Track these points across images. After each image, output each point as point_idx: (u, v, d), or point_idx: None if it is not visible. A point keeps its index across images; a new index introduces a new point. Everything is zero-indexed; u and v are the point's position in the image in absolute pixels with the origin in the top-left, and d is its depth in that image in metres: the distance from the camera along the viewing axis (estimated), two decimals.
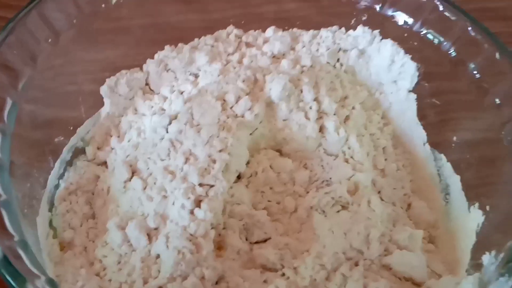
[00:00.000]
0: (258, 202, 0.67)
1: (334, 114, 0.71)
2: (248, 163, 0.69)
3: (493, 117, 0.67)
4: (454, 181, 0.71)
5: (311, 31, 0.79)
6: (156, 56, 0.77)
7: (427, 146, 0.75)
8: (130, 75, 0.75)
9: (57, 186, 0.68)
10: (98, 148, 0.72)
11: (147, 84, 0.76)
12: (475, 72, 0.69)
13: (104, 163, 0.71)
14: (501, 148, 0.66)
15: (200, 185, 0.63)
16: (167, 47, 0.77)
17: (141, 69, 0.77)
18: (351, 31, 0.77)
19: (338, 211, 0.65)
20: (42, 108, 0.67)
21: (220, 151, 0.65)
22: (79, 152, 0.72)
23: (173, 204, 0.62)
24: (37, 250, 0.56)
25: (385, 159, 0.74)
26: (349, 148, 0.70)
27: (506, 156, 0.65)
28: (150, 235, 0.61)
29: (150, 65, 0.76)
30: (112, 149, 0.71)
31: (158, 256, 0.60)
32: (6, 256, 0.47)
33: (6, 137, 0.57)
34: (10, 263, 0.47)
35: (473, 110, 0.70)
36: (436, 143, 0.75)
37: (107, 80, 0.74)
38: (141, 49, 0.78)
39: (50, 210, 0.66)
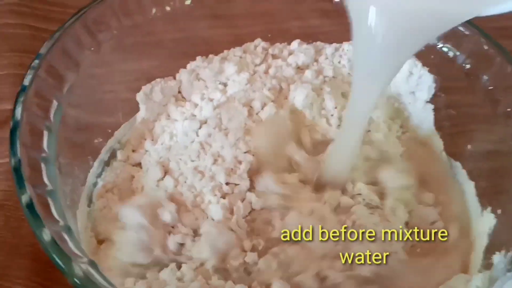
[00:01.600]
0: None
1: None
2: None
3: (505, 128, 0.70)
4: (469, 187, 0.75)
5: (334, 45, 0.83)
6: (188, 66, 0.82)
7: (444, 154, 0.79)
8: (164, 83, 0.80)
9: (95, 184, 0.73)
10: (133, 151, 0.77)
11: (179, 92, 0.81)
12: (488, 84, 0.72)
13: (139, 164, 0.75)
14: None
15: (227, 183, 0.68)
16: (198, 58, 0.82)
17: (174, 78, 0.82)
18: None
19: None
20: (83, 112, 0.73)
21: (246, 152, 0.70)
22: (116, 153, 0.77)
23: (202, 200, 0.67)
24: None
25: None
26: None
27: None
28: None
29: (182, 74, 0.81)
30: (146, 151, 0.76)
31: None
32: (54, 239, 0.52)
33: (52, 134, 0.62)
34: (57, 245, 0.51)
35: (487, 122, 0.74)
36: (452, 152, 0.79)
37: (143, 87, 0.79)
38: (174, 61, 0.83)
39: (88, 205, 0.71)
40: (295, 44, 0.85)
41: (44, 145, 0.61)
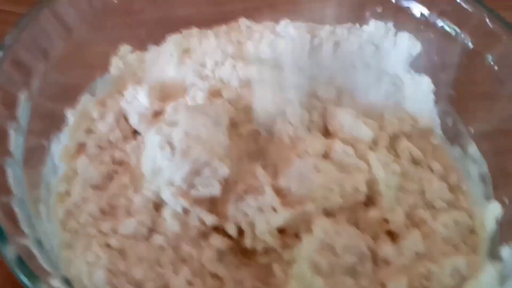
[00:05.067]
0: None
1: None
2: None
3: (510, 108, 0.66)
4: (473, 171, 0.70)
5: (327, 27, 0.78)
6: None
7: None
8: None
9: None
10: None
11: None
12: (492, 63, 0.68)
13: None
14: None
15: None
16: None
17: None
18: (365, 27, 0.76)
19: None
20: (57, 102, 0.68)
21: None
22: None
23: None
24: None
25: None
26: None
27: None
28: None
29: None
30: None
31: None
32: (20, 256, 0.46)
33: (19, 137, 0.57)
34: (24, 263, 0.46)
35: (489, 100, 0.69)
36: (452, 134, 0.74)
37: None
38: (154, 42, 0.78)
39: None
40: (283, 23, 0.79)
41: (10, 147, 0.56)
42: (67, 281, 0.48)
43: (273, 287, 0.59)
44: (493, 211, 0.65)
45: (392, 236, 0.62)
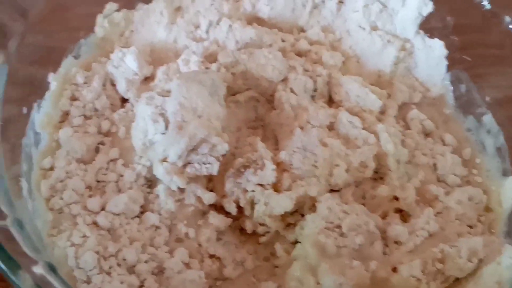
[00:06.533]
0: None
1: None
2: None
3: None
4: (488, 144, 0.67)
5: None
6: None
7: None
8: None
9: None
10: None
11: None
12: (510, 26, 0.64)
13: None
14: None
15: None
16: None
17: None
18: None
19: None
20: (37, 66, 0.63)
21: None
22: None
23: None
24: None
25: None
26: None
27: None
28: None
29: None
30: None
31: None
32: None
33: None
34: (1, 246, 0.41)
35: (507, 65, 0.66)
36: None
37: None
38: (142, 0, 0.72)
39: None
40: None
41: None
42: (51, 267, 0.43)
43: (276, 268, 0.56)
44: (510, 186, 0.62)
45: (403, 214, 0.59)
